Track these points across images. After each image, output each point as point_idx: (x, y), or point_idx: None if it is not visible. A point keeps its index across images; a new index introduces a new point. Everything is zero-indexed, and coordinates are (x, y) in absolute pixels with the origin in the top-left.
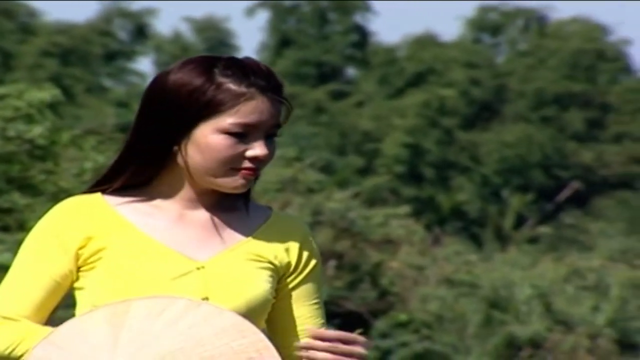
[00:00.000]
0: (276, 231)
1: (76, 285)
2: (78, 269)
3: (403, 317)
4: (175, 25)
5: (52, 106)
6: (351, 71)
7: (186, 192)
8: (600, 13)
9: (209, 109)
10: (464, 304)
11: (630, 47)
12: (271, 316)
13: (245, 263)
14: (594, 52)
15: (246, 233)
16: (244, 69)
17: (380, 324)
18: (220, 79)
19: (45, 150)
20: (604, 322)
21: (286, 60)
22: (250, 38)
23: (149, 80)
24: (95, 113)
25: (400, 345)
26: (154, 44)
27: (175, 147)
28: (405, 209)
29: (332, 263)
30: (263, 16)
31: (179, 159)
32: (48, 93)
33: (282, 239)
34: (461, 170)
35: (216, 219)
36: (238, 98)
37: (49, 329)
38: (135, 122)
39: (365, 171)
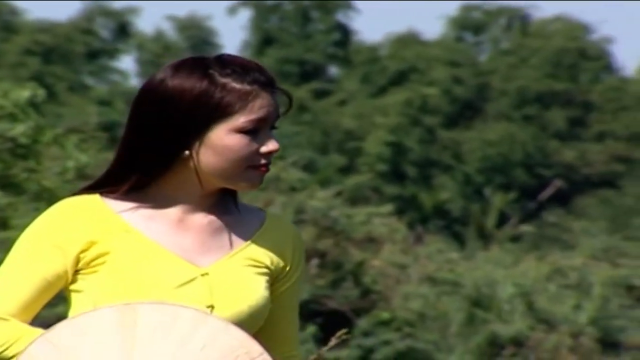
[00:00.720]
0: (271, 236)
1: (73, 287)
2: (76, 272)
3: (385, 315)
4: (158, 24)
5: (35, 105)
6: (333, 70)
7: (188, 195)
8: (582, 12)
9: (219, 111)
10: (447, 303)
11: (613, 45)
12: None
13: (245, 269)
14: (576, 50)
15: (244, 238)
16: (241, 67)
17: (362, 323)
18: (223, 80)
19: (28, 148)
20: (586, 320)
21: (268, 58)
22: (232, 37)
23: (131, 79)
24: (78, 111)
25: (383, 343)
26: (136, 43)
27: (186, 152)
28: (387, 207)
29: (315, 262)
30: (245, 15)
31: (190, 163)
32: (32, 91)
33: (278, 244)
34: (443, 169)
35: (215, 224)
36: (246, 96)
37: (41, 331)
38: (133, 130)
39: (347, 170)
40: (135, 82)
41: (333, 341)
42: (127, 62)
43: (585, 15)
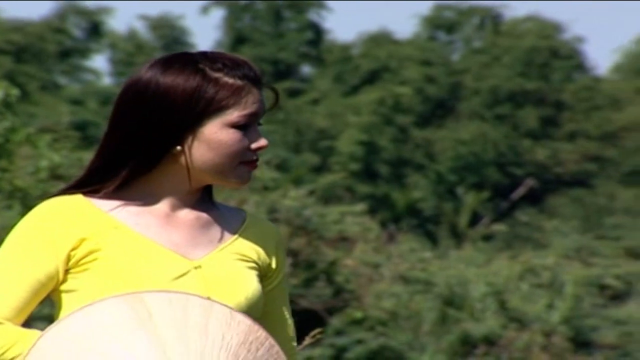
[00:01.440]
0: (254, 233)
1: (64, 287)
2: (66, 271)
3: (358, 314)
4: (130, 23)
5: (8, 104)
6: (306, 69)
7: (174, 192)
8: (554, 11)
9: (213, 106)
10: (419, 302)
11: (584, 44)
12: None
13: (236, 262)
14: (548, 50)
15: (230, 233)
16: (231, 62)
17: (335, 322)
18: (215, 75)
19: (0, 148)
20: (558, 319)
21: None
22: (205, 36)
23: (103, 78)
24: (50, 111)
25: (356, 342)
26: (108, 42)
27: (178, 147)
28: (360, 206)
29: (288, 261)
30: (218, 14)
31: (181, 159)
32: (5, 91)
33: (262, 241)
34: (416, 168)
35: (202, 219)
36: (239, 91)
37: (39, 332)
38: (120, 128)
39: (320, 169)
40: (108, 82)
41: (307, 341)
42: (99, 62)
43: (557, 14)
